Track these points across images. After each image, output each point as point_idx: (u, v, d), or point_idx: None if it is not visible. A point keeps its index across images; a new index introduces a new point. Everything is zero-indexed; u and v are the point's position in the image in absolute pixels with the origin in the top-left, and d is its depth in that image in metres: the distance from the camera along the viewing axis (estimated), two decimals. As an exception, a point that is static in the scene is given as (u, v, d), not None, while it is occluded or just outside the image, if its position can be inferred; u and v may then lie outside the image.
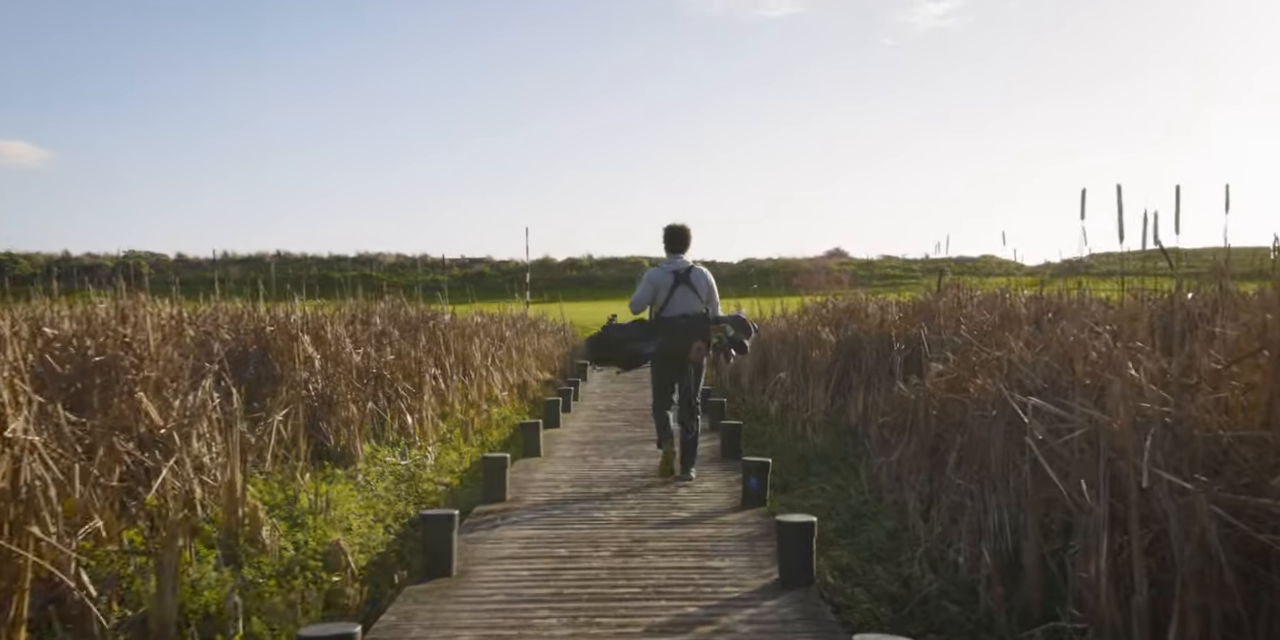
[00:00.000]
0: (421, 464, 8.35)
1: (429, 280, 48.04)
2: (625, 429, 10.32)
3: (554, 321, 23.07)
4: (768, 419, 11.07)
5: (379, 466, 7.95)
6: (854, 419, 9.19)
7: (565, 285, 50.05)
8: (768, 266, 51.76)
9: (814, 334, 11.58)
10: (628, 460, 8.39)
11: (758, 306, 20.05)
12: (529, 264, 31.00)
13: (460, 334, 12.02)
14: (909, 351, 8.51)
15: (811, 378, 10.60)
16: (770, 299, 20.45)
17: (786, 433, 9.89)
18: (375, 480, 7.46)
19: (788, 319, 15.38)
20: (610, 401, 12.64)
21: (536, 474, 7.78)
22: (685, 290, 7.13)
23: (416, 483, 7.70)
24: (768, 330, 16.72)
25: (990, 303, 9.24)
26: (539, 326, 20.21)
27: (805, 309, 17.02)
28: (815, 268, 49.83)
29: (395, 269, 57.46)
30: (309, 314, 9.32)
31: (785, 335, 13.75)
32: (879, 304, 12.23)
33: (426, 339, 11.20)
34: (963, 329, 7.95)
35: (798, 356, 11.83)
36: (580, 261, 56.87)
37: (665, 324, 7.13)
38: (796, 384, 11.15)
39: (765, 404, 12.14)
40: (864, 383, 9.14)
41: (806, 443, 9.03)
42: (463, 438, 9.87)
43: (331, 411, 7.97)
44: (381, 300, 12.74)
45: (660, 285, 7.14)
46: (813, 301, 17.08)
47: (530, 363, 15.74)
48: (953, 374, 6.45)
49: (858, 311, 11.70)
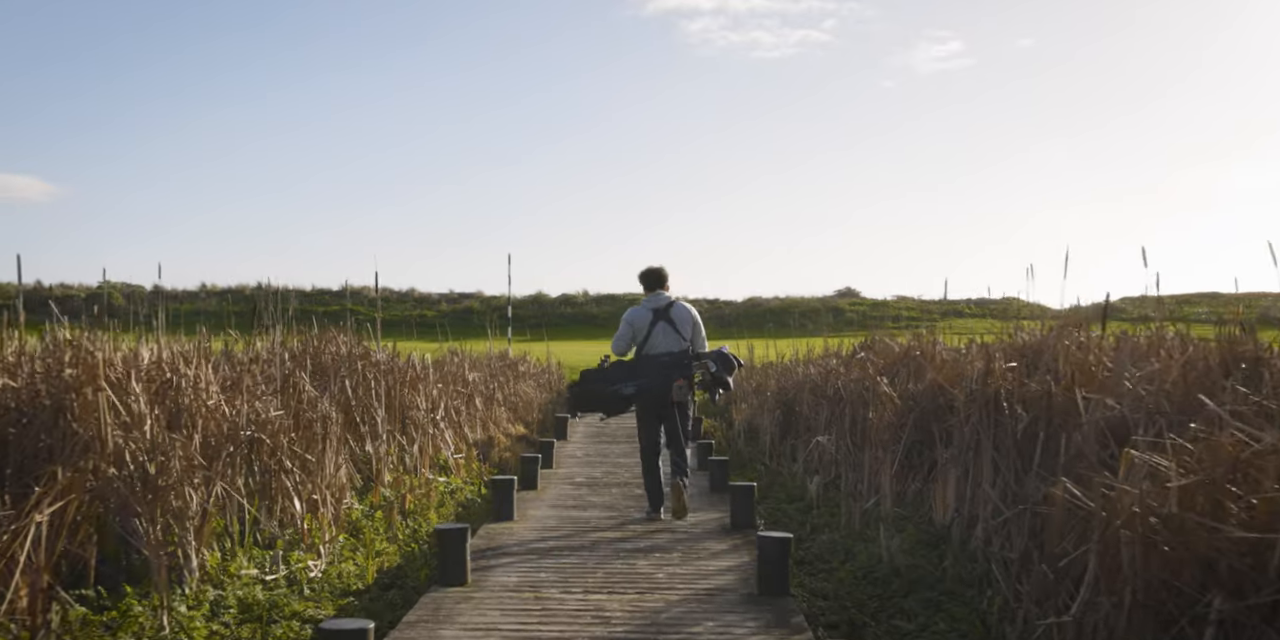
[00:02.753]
0: (298, 580, 5.50)
1: (416, 315, 45.56)
2: (613, 525, 6.91)
3: (538, 362, 20.25)
4: (805, 499, 8.21)
5: (228, 587, 5.10)
6: (944, 516, 6.35)
7: (559, 322, 47.52)
8: (774, 306, 49.37)
9: (865, 385, 8.79)
10: (611, 596, 4.97)
11: (774, 348, 17.28)
12: (510, 299, 28.16)
13: (401, 380, 9.18)
14: (1043, 420, 5.70)
15: (869, 447, 7.78)
16: (788, 340, 17.67)
17: (839, 527, 7.03)
18: (197, 622, 4.59)
19: (816, 364, 12.59)
20: (594, 470, 9.72)
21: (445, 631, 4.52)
22: (665, 327, 6.88)
23: (282, 614, 4.85)
24: (791, 378, 13.92)
25: (1130, 349, 6.45)
26: (517, 368, 17.38)
27: (831, 352, 14.27)
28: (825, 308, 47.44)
29: (381, 303, 55.08)
30: (167, 352, 6.50)
31: (819, 385, 10.96)
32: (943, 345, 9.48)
33: (353, 386, 8.38)
34: (1137, 388, 5.15)
35: (843, 415, 9.02)
36: (575, 297, 54.27)
37: (645, 363, 6.87)
38: (846, 454, 8.31)
39: (799, 476, 9.28)
40: (957, 463, 6.32)
41: (874, 548, 6.16)
42: (385, 527, 7.01)
43: (158, 501, 5.12)
44: (307, 334, 9.93)
45: (639, 324, 6.92)
46: (848, 342, 14.30)
47: (500, 414, 12.88)
48: (1195, 477, 3.60)
49: (926, 357, 8.91)
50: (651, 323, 6.91)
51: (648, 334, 6.90)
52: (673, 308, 6.95)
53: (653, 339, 6.90)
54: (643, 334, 6.92)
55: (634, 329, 6.96)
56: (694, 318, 7.01)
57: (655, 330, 6.89)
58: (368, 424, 8.32)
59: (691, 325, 6.97)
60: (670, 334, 6.90)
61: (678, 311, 6.94)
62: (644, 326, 6.92)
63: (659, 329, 6.89)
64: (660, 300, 6.99)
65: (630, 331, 6.98)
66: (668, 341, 6.90)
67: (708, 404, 16.43)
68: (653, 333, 6.89)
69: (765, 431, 11.83)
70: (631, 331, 6.97)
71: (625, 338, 7.01)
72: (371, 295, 56.87)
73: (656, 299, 7.01)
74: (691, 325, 6.97)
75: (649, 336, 6.90)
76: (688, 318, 6.96)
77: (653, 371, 6.84)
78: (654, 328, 6.89)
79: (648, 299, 7.08)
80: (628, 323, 7.02)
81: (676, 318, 6.93)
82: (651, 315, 6.93)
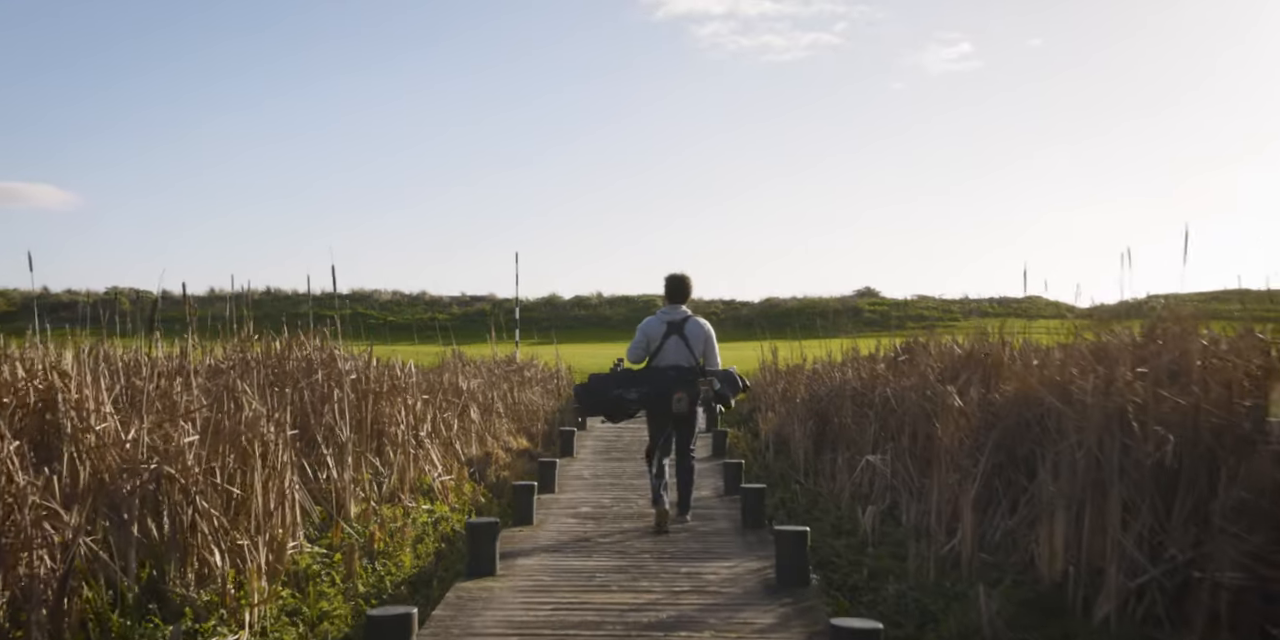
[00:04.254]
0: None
1: (427, 318, 44.32)
2: (624, 583, 5.29)
3: (547, 367, 18.85)
4: (856, 534, 6.79)
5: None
6: (1053, 570, 4.91)
7: (572, 324, 46.17)
8: (792, 306, 47.79)
9: (926, 394, 7.34)
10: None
11: (799, 350, 15.83)
12: (517, 300, 26.81)
13: (377, 391, 7.80)
14: (1189, 443, 4.26)
15: (937, 470, 6.35)
16: (815, 341, 16.22)
17: (907, 575, 5.59)
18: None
19: (854, 367, 11.14)
20: (603, 495, 8.27)
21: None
22: (678, 341, 6.94)
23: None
24: (824, 384, 12.49)
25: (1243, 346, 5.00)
26: (524, 373, 15.98)
27: (869, 354, 12.85)
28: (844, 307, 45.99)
29: (391, 307, 53.84)
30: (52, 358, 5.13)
31: (861, 392, 9.52)
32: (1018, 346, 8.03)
33: (314, 399, 7.02)
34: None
35: (899, 429, 7.58)
36: (588, 299, 52.83)
37: (652, 373, 6.95)
38: (905, 479, 6.88)
39: (843, 501, 7.84)
40: (1069, 499, 4.87)
41: (966, 612, 4.73)
42: (340, 577, 5.63)
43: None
44: (270, 337, 8.58)
45: (653, 335, 6.99)
46: (884, 342, 12.85)
47: (500, 426, 11.49)
48: None
49: (994, 362, 7.45)
50: (665, 335, 6.95)
51: (660, 346, 6.94)
52: (687, 323, 6.98)
53: (664, 351, 6.94)
54: (655, 345, 6.96)
55: (648, 339, 7.00)
56: (708, 334, 7.02)
57: (667, 343, 6.93)
58: (333, 445, 6.95)
59: (704, 341, 6.98)
60: (681, 348, 6.93)
61: (691, 327, 6.97)
62: (657, 338, 6.96)
63: (671, 342, 6.94)
64: (677, 314, 7.01)
65: (645, 341, 7.00)
66: (678, 355, 6.93)
67: (731, 412, 15.00)
68: (665, 345, 6.93)
69: (798, 444, 10.40)
70: (646, 341, 7.00)
71: (640, 346, 7.02)
72: (385, 298, 55.90)
73: (673, 312, 7.03)
74: (704, 341, 6.98)
75: (661, 348, 6.94)
76: (701, 334, 6.98)
77: (657, 381, 6.88)
78: (666, 340, 6.94)
79: (664, 310, 7.08)
80: (642, 332, 7.05)
81: (690, 333, 6.95)
82: (666, 327, 6.96)
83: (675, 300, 7.08)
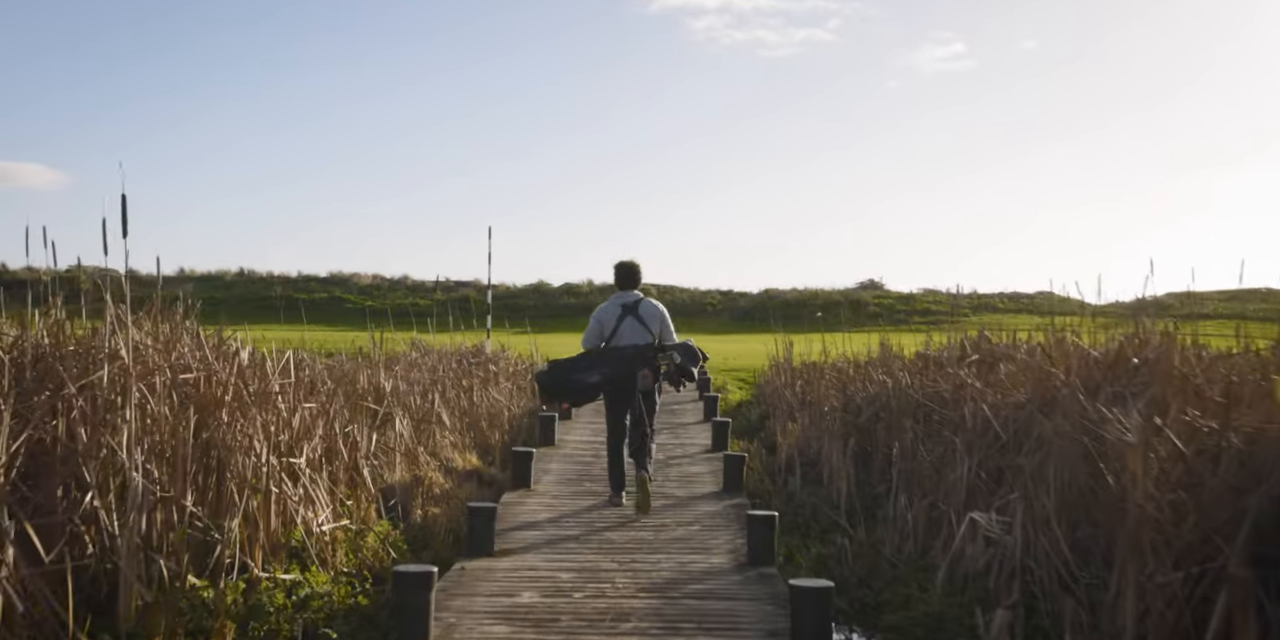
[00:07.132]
0: None
1: (409, 304, 41.42)
2: None
3: (521, 358, 16.14)
4: (935, 623, 4.12)
5: None
6: None
7: (561, 312, 43.57)
8: (791, 298, 45.18)
9: (1084, 422, 4.68)
10: None
11: (819, 343, 13.15)
12: (489, 283, 24.09)
13: (203, 400, 5.08)
14: None
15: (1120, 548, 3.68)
16: (836, 334, 13.50)
17: None
18: None
19: (913, 369, 8.47)
20: (566, 559, 5.45)
21: None
22: (633, 322, 7.05)
23: None
24: (863, 388, 9.82)
25: None
26: (490, 368, 13.26)
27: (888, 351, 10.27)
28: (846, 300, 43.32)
29: (371, 291, 51.00)
30: None
31: (937, 407, 6.87)
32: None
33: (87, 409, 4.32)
34: None
35: (1031, 474, 4.91)
36: (579, 287, 50.12)
37: (611, 354, 7.03)
38: (1051, 563, 4.22)
39: (908, 562, 5.17)
40: None
41: None
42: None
43: None
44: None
45: (606, 319, 7.12)
46: (936, 338, 10.20)
47: (445, 440, 8.76)
48: None
49: (1160, 370, 4.79)
50: (619, 317, 7.04)
51: (615, 328, 7.01)
52: (641, 304, 7.11)
53: (620, 332, 7.01)
54: (610, 328, 7.03)
55: (602, 324, 7.08)
56: (661, 313, 7.15)
57: (623, 325, 7.01)
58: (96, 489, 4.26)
59: (659, 320, 7.09)
60: (638, 328, 7.02)
61: (645, 307, 7.10)
62: (611, 321, 7.05)
63: (627, 323, 7.02)
64: (629, 297, 7.15)
65: (599, 327, 7.09)
66: (634, 335, 7.01)
67: (738, 422, 12.28)
68: (620, 327, 7.01)
69: (838, 472, 7.70)
70: (600, 327, 7.08)
71: (594, 333, 7.11)
72: (365, 283, 53.08)
73: (625, 296, 7.16)
74: (659, 320, 7.09)
75: (616, 330, 7.01)
76: (655, 313, 7.11)
77: (618, 361, 6.94)
78: (622, 322, 7.02)
79: (617, 296, 7.23)
80: (596, 319, 7.15)
81: (644, 313, 7.07)
82: (620, 310, 7.08)
83: (626, 286, 7.20)
